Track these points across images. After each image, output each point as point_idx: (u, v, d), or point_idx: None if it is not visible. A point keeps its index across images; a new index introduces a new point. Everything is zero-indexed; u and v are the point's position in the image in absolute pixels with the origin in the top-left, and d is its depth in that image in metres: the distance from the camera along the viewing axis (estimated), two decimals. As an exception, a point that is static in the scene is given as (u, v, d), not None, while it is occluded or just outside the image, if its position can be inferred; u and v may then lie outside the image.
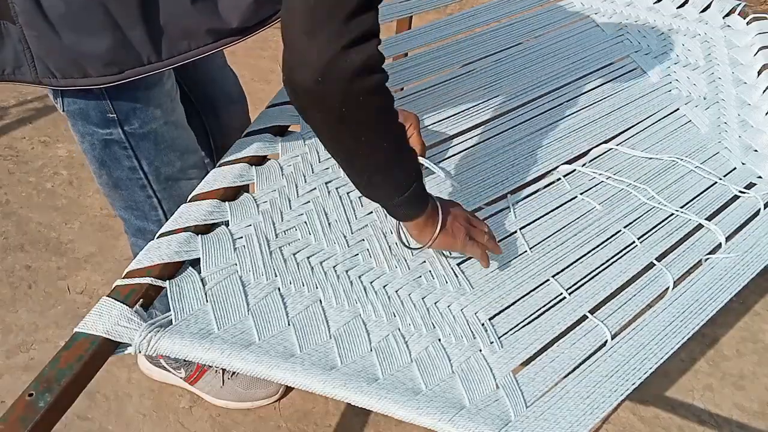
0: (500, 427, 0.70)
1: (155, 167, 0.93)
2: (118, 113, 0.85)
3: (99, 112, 0.85)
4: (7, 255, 1.59)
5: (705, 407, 1.34)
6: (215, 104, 1.15)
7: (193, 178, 1.00)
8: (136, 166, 0.92)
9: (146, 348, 0.69)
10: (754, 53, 1.38)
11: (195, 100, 1.11)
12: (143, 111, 0.87)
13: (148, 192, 0.96)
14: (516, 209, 0.99)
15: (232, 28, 0.81)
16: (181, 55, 0.81)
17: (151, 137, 0.90)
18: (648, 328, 0.82)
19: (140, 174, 0.93)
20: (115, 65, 0.79)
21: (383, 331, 0.78)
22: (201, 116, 1.15)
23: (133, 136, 0.88)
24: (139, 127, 0.88)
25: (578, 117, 1.18)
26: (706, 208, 1.03)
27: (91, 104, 0.84)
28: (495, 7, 1.43)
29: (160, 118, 0.89)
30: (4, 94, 2.10)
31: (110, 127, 0.87)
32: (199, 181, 0.95)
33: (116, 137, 0.88)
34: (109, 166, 0.92)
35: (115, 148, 0.89)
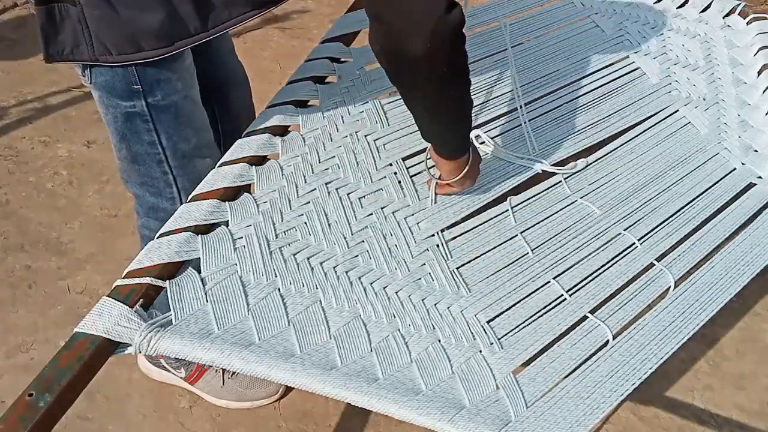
0: (500, 427, 0.70)
1: (173, 142, 0.97)
2: (143, 84, 0.90)
3: (125, 84, 0.90)
4: (7, 255, 1.58)
5: (705, 407, 1.34)
6: (224, 87, 1.19)
7: (206, 156, 1.03)
8: (155, 140, 0.96)
9: (146, 348, 0.70)
10: (754, 53, 1.38)
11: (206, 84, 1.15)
12: (167, 83, 0.92)
13: (164, 168, 0.99)
14: (516, 212, 0.99)
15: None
16: (223, 24, 0.88)
17: (171, 110, 0.94)
18: (648, 328, 0.82)
19: (158, 149, 0.97)
20: (167, 38, 0.85)
21: (383, 331, 0.78)
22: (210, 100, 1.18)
23: (155, 108, 0.93)
24: (161, 98, 0.92)
25: (578, 118, 1.18)
26: (706, 209, 1.03)
27: (118, 77, 0.89)
28: (495, 7, 1.43)
29: (181, 91, 0.94)
30: (4, 94, 2.10)
31: (134, 99, 0.91)
32: (212, 161, 1.00)
33: (138, 109, 0.92)
34: (130, 139, 0.96)
35: (137, 121, 0.93)
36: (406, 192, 0.98)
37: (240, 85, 1.24)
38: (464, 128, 0.88)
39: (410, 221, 0.94)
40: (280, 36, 2.44)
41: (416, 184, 1.00)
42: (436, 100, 0.82)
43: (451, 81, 0.79)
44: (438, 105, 0.83)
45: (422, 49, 0.71)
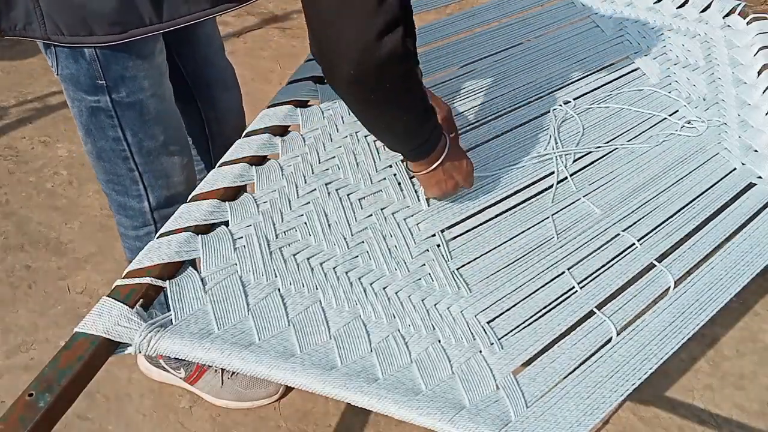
0: (500, 427, 0.70)
1: (138, 139, 0.96)
2: (107, 80, 0.89)
3: (89, 78, 0.89)
4: (7, 255, 1.59)
5: (705, 407, 1.34)
6: (212, 89, 1.18)
7: (174, 154, 1.02)
8: (120, 136, 0.95)
9: (146, 348, 0.69)
10: (754, 53, 1.38)
11: (192, 84, 1.15)
12: (132, 81, 0.90)
13: (129, 165, 0.98)
14: (516, 212, 0.99)
15: None
16: (181, 18, 0.86)
17: (136, 107, 0.93)
18: (648, 328, 0.82)
19: (123, 145, 0.96)
20: (119, 25, 0.83)
21: (383, 332, 0.78)
22: (197, 102, 1.18)
23: (119, 104, 0.92)
24: (126, 96, 0.91)
25: (577, 118, 1.18)
26: (706, 209, 1.03)
27: (83, 70, 0.88)
28: (495, 7, 1.43)
29: (147, 89, 0.93)
30: (4, 94, 2.10)
31: (98, 93, 0.90)
32: (180, 159, 1.00)
33: (103, 105, 0.91)
34: (95, 134, 0.95)
35: (102, 116, 0.93)
36: (406, 193, 0.98)
37: (228, 88, 1.22)
38: (414, 139, 0.85)
39: (410, 222, 0.94)
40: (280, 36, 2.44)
41: (416, 185, 1.00)
42: (371, 117, 0.81)
43: (387, 103, 0.76)
44: (375, 121, 0.82)
45: (347, 74, 0.69)
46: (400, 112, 0.80)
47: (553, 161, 1.08)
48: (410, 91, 0.78)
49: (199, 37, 1.13)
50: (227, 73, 1.22)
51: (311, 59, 1.18)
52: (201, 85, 1.16)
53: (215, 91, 1.19)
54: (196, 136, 1.24)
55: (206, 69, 1.16)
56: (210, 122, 1.22)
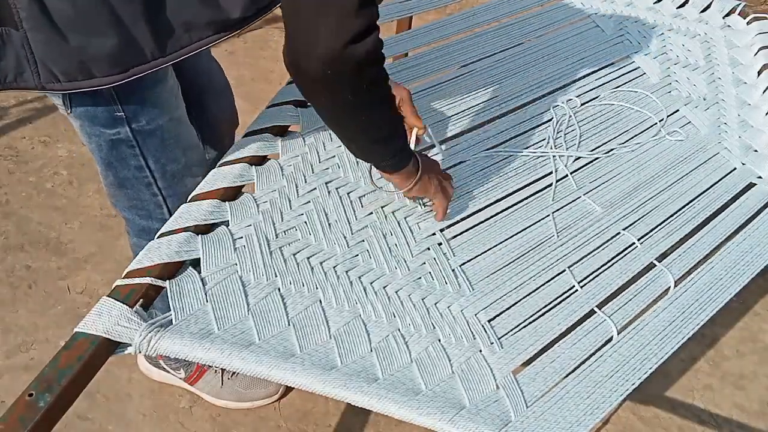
0: (500, 427, 0.70)
1: (161, 164, 0.94)
2: (126, 111, 0.86)
3: (107, 112, 0.86)
4: (7, 255, 1.58)
5: (705, 407, 1.34)
6: (203, 96, 1.16)
7: (197, 175, 1.00)
8: (143, 164, 0.93)
9: (146, 348, 0.69)
10: (754, 53, 1.38)
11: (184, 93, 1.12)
12: (150, 109, 0.88)
13: (153, 190, 0.97)
14: (517, 210, 0.99)
15: (233, 18, 0.81)
16: (183, 48, 0.82)
17: (158, 134, 0.91)
18: (648, 328, 0.82)
19: (146, 172, 0.94)
20: (121, 64, 0.79)
21: (383, 331, 0.78)
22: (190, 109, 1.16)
23: (140, 133, 0.89)
24: (146, 123, 0.89)
25: (577, 118, 1.18)
26: (706, 209, 1.03)
27: (100, 104, 0.85)
28: (495, 7, 1.43)
29: (166, 114, 0.91)
30: (4, 94, 2.10)
31: (117, 126, 0.87)
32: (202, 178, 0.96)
33: (123, 136, 0.89)
34: (116, 167, 0.93)
35: (123, 147, 0.90)
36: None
37: (220, 95, 1.20)
38: (388, 152, 0.83)
39: (410, 221, 0.94)
40: (280, 36, 2.44)
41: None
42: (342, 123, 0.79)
43: (357, 107, 0.74)
44: (346, 127, 0.80)
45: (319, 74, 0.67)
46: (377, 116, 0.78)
47: (554, 160, 1.08)
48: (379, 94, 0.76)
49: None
50: (218, 78, 1.19)
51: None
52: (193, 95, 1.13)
53: (207, 97, 1.17)
54: None
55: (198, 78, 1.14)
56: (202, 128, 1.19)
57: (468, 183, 1.02)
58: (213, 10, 0.80)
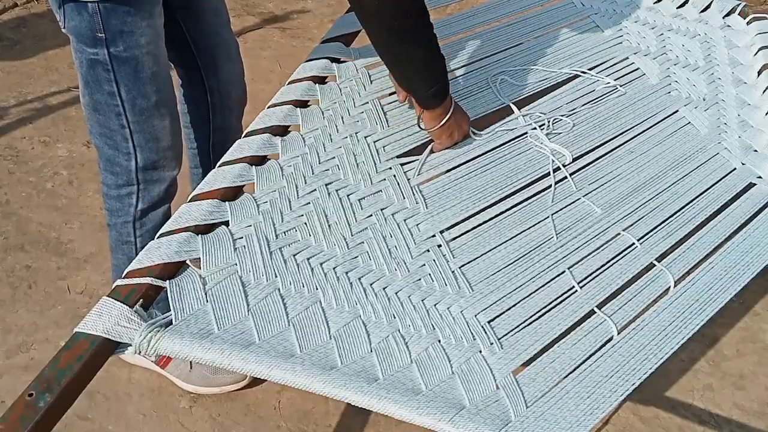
0: (500, 427, 0.70)
1: (132, 96, 1.00)
2: (106, 33, 0.94)
3: (90, 31, 0.94)
4: (7, 255, 1.58)
5: (705, 407, 1.34)
6: (216, 59, 1.22)
7: (165, 118, 1.06)
8: (115, 91, 0.99)
9: (146, 348, 0.70)
10: (754, 53, 1.38)
11: (197, 52, 1.19)
12: (129, 36, 0.95)
13: (122, 121, 1.03)
14: (516, 212, 0.99)
15: None
16: None
17: (132, 63, 0.98)
18: (648, 328, 0.82)
19: (117, 100, 1.00)
20: None
21: (383, 332, 0.78)
22: (201, 71, 1.22)
23: (116, 58, 0.96)
24: (123, 50, 0.96)
25: (577, 119, 1.18)
26: (706, 209, 1.03)
27: (85, 22, 0.93)
28: (495, 7, 1.43)
29: (143, 46, 0.97)
30: (4, 94, 2.10)
31: (97, 46, 0.95)
32: (171, 125, 1.06)
33: (101, 58, 0.96)
34: (92, 86, 1.00)
35: (99, 69, 0.97)
36: (406, 194, 0.98)
37: (232, 61, 1.26)
38: (429, 81, 0.98)
39: (410, 222, 0.94)
40: (280, 36, 2.44)
41: (416, 187, 1.00)
42: (394, 52, 0.94)
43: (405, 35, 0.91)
44: (397, 57, 0.95)
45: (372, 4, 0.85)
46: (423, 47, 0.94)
47: (553, 161, 1.08)
48: (426, 26, 0.92)
49: (206, 8, 1.17)
50: (231, 45, 1.26)
51: (311, 59, 1.18)
52: (205, 54, 1.20)
53: (219, 60, 1.22)
54: (196, 103, 1.28)
55: (211, 38, 1.20)
56: (212, 91, 1.25)
57: (467, 184, 1.02)
58: None
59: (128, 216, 1.14)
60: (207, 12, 1.17)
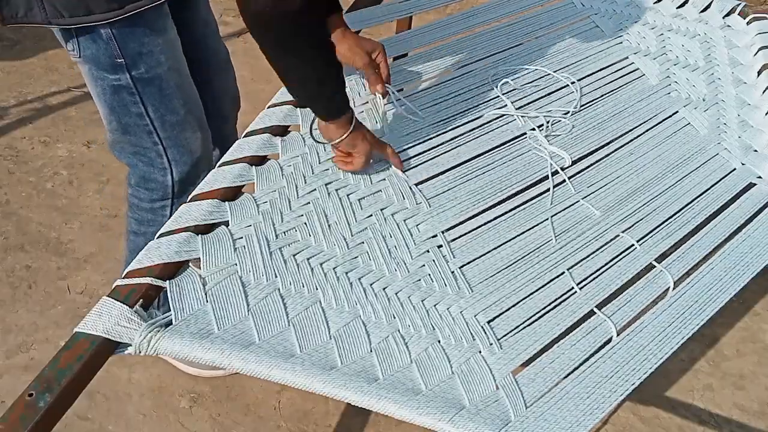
0: (500, 427, 0.70)
1: (161, 113, 0.99)
2: (125, 58, 0.92)
3: (108, 57, 0.92)
4: (7, 255, 1.59)
5: (705, 407, 1.34)
6: (208, 67, 1.21)
7: (196, 129, 1.06)
8: (143, 112, 0.98)
9: (146, 348, 0.70)
10: (754, 53, 1.38)
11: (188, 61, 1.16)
12: (149, 56, 0.94)
13: (154, 138, 1.02)
14: (516, 214, 0.99)
15: None
16: None
17: (156, 82, 0.96)
18: (648, 328, 0.82)
19: (147, 120, 1.00)
20: (115, 1, 0.86)
21: (383, 332, 0.78)
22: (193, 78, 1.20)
23: (140, 81, 0.95)
24: (145, 71, 0.94)
25: (577, 120, 1.18)
26: (706, 209, 1.03)
27: (101, 49, 0.91)
28: (495, 7, 1.43)
29: (164, 63, 0.96)
30: (4, 94, 2.10)
31: (118, 72, 0.93)
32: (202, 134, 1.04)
33: (124, 83, 0.95)
34: (119, 112, 0.98)
35: (124, 93, 0.96)
36: (406, 194, 0.98)
37: (222, 69, 1.25)
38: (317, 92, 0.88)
39: (410, 223, 0.94)
40: (280, 36, 2.44)
41: (415, 187, 1.00)
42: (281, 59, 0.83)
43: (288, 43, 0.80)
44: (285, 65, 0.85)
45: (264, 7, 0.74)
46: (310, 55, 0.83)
47: (552, 162, 1.08)
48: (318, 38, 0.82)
49: (196, 21, 1.15)
50: (221, 55, 1.24)
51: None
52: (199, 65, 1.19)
53: (207, 71, 1.21)
54: None
55: (202, 52, 1.18)
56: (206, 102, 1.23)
57: (466, 185, 1.02)
58: None
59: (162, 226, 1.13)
60: (197, 24, 1.16)
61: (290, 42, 0.80)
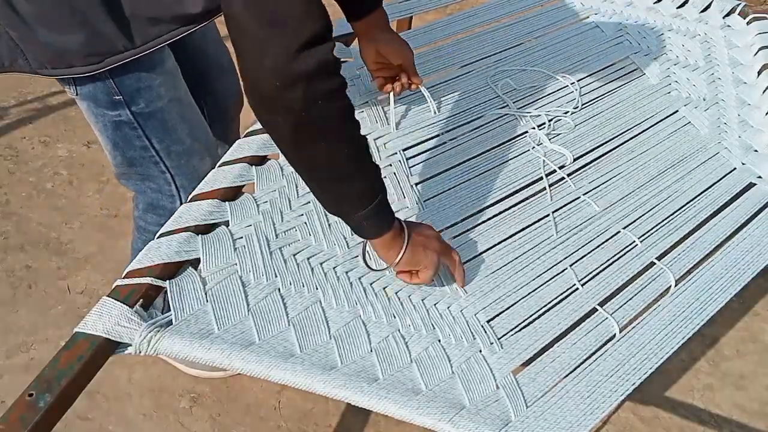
0: (500, 427, 0.70)
1: (166, 145, 0.97)
2: (123, 95, 0.90)
3: (106, 95, 0.90)
4: (7, 255, 1.58)
5: (705, 407, 1.34)
6: (208, 75, 1.19)
7: (204, 156, 1.04)
8: (147, 145, 0.96)
9: (146, 348, 0.70)
10: (754, 53, 1.38)
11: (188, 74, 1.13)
12: (147, 90, 0.91)
13: (161, 168, 1.00)
14: (516, 210, 0.99)
15: (195, 12, 0.85)
16: (153, 40, 0.86)
17: (158, 116, 0.94)
18: (648, 327, 0.82)
19: (152, 152, 0.98)
20: (95, 55, 0.84)
21: (383, 331, 0.78)
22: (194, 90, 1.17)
23: (140, 116, 0.93)
24: (145, 106, 0.92)
25: (577, 119, 1.18)
26: (706, 208, 1.03)
27: (99, 87, 0.89)
28: (495, 7, 1.43)
29: (164, 96, 0.93)
30: (4, 94, 2.09)
31: (118, 108, 0.91)
32: (211, 160, 1.01)
33: (125, 118, 0.92)
34: (122, 147, 0.97)
35: (126, 129, 0.94)
36: (406, 192, 0.98)
37: (225, 73, 1.23)
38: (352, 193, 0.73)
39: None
40: (280, 36, 2.44)
41: (416, 186, 1.00)
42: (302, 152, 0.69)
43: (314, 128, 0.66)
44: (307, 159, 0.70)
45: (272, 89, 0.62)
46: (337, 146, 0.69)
47: (554, 161, 1.08)
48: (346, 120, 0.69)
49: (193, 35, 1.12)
50: (223, 60, 1.22)
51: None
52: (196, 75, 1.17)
53: (210, 79, 1.20)
54: None
55: (200, 60, 1.16)
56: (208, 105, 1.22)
57: (467, 184, 1.02)
58: (174, 6, 0.83)
59: None
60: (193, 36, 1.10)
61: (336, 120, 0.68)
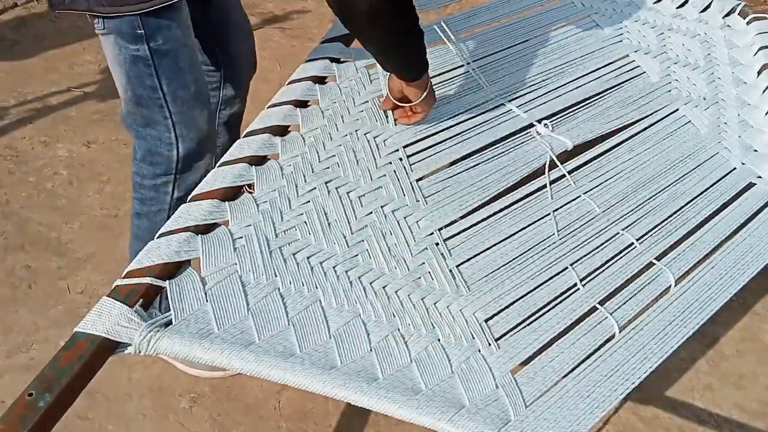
0: (500, 426, 0.70)
1: (173, 88, 1.06)
2: (146, 30, 1.00)
3: (130, 28, 1.00)
4: (7, 255, 1.58)
5: (705, 407, 1.34)
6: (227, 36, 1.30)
7: (204, 107, 1.13)
8: (156, 85, 1.05)
9: (146, 348, 0.70)
10: (754, 53, 1.38)
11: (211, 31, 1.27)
12: (167, 29, 1.02)
13: (164, 113, 1.08)
14: (516, 209, 0.99)
15: None
16: None
17: (171, 55, 1.04)
18: (648, 327, 0.82)
19: (159, 93, 1.06)
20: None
21: (383, 331, 0.78)
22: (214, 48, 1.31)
23: (157, 52, 1.02)
24: (162, 43, 1.02)
25: (578, 117, 1.18)
26: (706, 208, 1.03)
27: (125, 21, 0.99)
28: (495, 7, 1.43)
29: (180, 39, 1.04)
30: (4, 94, 2.10)
31: (138, 43, 1.01)
32: (208, 112, 1.12)
33: (142, 53, 1.02)
34: (134, 82, 1.05)
35: (141, 65, 1.03)
36: (406, 190, 0.98)
37: (244, 38, 1.34)
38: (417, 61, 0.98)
39: (410, 220, 0.94)
40: (280, 36, 2.44)
41: (416, 183, 1.00)
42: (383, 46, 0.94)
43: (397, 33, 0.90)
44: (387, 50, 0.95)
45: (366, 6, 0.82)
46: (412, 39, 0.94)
47: (552, 160, 1.08)
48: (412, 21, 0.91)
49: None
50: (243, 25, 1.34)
51: (311, 59, 1.18)
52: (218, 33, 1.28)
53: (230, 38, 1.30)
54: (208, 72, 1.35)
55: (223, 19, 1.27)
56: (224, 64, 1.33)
57: (467, 181, 1.02)
58: None
59: (164, 204, 1.18)
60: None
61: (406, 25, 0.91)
